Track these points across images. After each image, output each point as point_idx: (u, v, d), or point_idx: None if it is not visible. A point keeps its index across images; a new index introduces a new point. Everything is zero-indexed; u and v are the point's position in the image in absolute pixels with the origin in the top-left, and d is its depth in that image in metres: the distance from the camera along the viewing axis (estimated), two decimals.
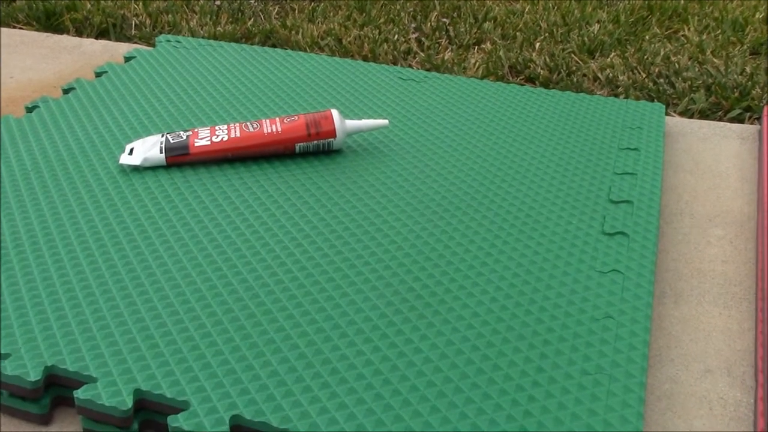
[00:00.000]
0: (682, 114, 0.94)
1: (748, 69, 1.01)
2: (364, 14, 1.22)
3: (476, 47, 1.13)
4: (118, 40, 1.13)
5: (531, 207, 0.68)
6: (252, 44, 1.12)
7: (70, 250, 0.60)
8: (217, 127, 0.74)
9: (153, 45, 1.11)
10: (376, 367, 0.50)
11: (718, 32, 1.16)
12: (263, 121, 0.75)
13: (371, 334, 0.53)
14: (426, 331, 0.53)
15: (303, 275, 0.58)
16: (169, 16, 1.18)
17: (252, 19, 1.18)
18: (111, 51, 1.03)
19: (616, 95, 0.99)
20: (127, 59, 0.95)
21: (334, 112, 0.75)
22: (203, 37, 1.12)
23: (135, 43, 1.12)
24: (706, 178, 0.78)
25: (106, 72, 0.91)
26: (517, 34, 1.15)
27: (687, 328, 0.59)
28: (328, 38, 1.13)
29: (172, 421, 0.45)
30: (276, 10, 1.23)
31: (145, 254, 0.60)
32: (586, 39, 1.12)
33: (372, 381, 0.49)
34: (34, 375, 0.48)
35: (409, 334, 0.53)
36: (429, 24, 1.18)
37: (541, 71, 1.03)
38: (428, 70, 1.06)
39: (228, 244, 0.61)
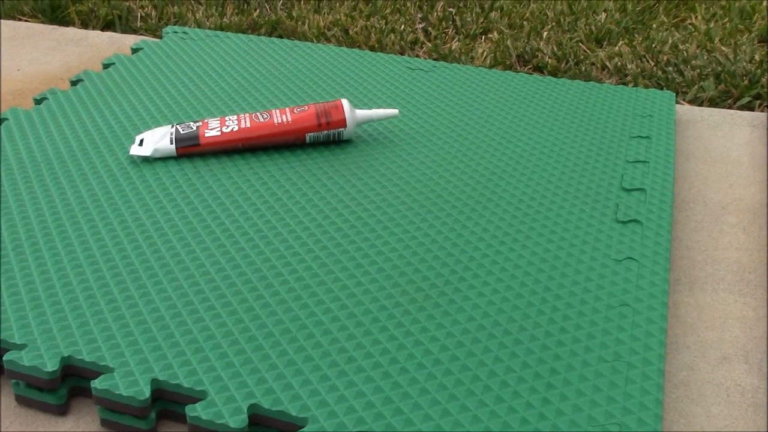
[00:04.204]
0: (691, 102, 0.94)
1: (757, 57, 1.01)
2: (370, 4, 1.21)
3: (483, 37, 1.12)
4: (124, 32, 1.13)
5: (543, 196, 0.67)
6: (258, 35, 1.11)
7: (83, 241, 0.60)
8: (227, 118, 0.74)
9: (159, 37, 1.11)
10: (392, 356, 0.50)
11: (726, 20, 1.15)
12: (273, 111, 0.74)
13: (387, 323, 0.52)
14: (441, 320, 0.53)
15: (316, 264, 0.58)
16: (175, 7, 1.18)
17: (258, 10, 1.18)
18: (118, 43, 1.03)
19: (625, 84, 0.99)
20: (135, 51, 0.95)
21: (345, 102, 0.74)
22: (209, 29, 1.11)
23: (141, 34, 1.12)
24: (718, 165, 0.78)
25: (113, 63, 0.90)
26: (524, 23, 1.15)
27: (702, 315, 0.58)
28: (335, 29, 1.12)
29: (191, 410, 0.45)
30: (282, 1, 1.22)
31: (158, 245, 0.60)
32: (593, 28, 1.12)
33: (389, 369, 0.49)
34: (51, 365, 0.47)
35: (425, 322, 0.53)
36: (435, 14, 1.17)
37: (549, 60, 1.03)
38: (435, 59, 1.05)
39: (240, 234, 0.61)
